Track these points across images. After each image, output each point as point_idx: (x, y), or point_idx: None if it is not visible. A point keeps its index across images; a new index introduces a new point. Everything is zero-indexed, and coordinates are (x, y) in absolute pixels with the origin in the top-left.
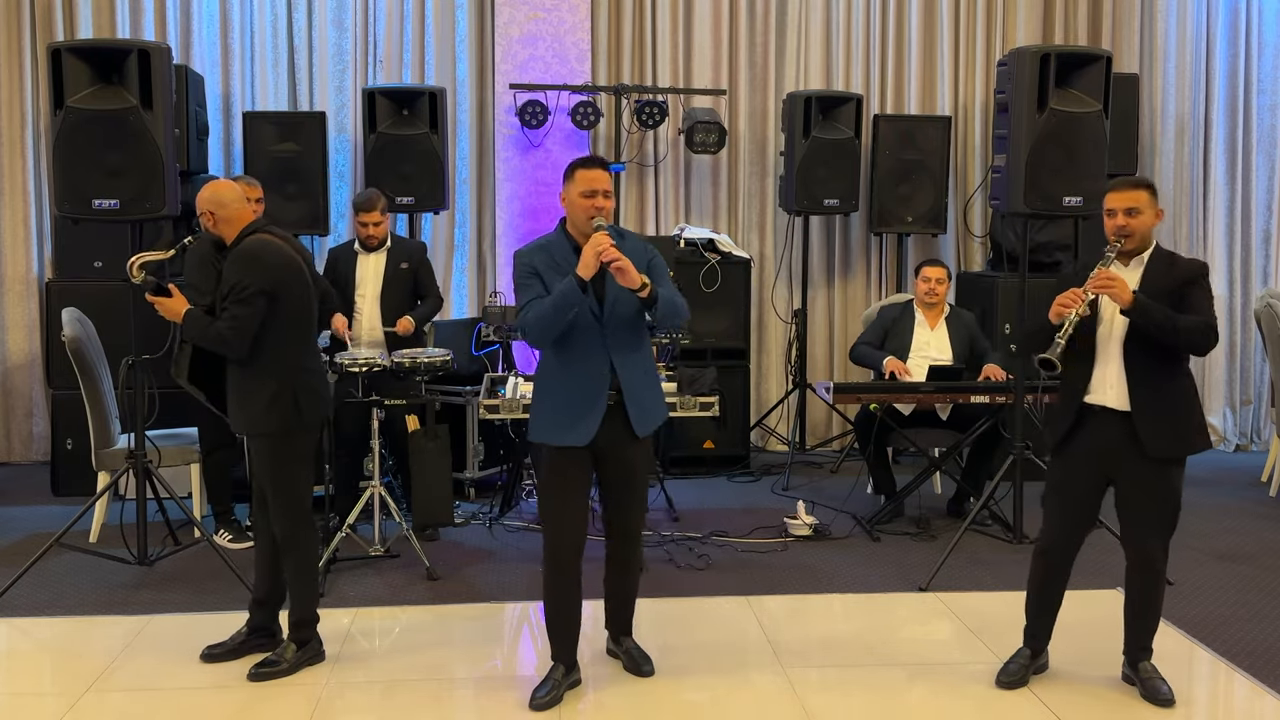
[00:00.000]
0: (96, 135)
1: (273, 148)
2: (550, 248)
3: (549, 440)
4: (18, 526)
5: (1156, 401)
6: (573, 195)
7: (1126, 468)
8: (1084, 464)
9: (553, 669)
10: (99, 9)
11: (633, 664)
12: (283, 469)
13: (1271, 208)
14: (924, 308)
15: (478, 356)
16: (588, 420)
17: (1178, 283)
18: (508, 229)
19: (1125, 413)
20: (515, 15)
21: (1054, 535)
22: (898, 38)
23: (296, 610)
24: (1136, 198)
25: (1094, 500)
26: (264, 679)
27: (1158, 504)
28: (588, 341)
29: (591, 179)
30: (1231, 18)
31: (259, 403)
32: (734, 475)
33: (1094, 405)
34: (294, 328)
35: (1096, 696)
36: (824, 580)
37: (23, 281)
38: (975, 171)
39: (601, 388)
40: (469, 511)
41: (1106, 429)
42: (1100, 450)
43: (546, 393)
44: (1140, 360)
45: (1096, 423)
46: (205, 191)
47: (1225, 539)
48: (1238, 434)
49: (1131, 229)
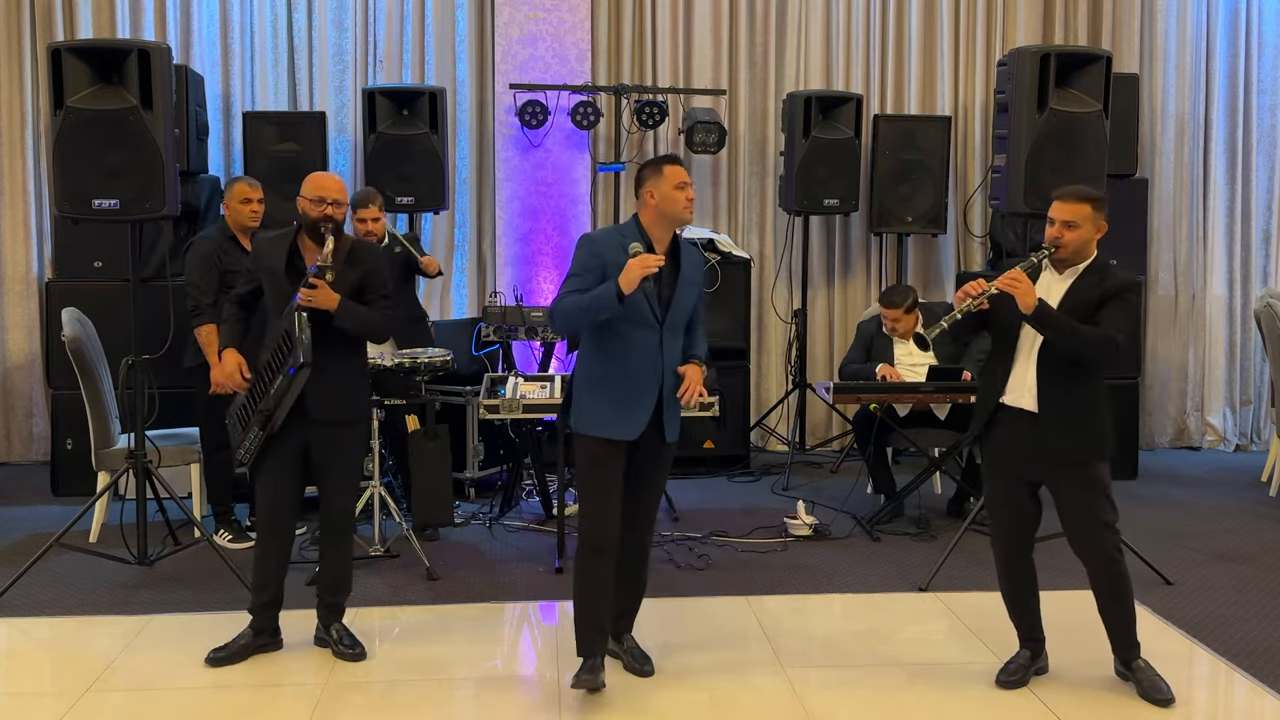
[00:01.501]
0: (96, 135)
1: (273, 148)
2: (624, 240)
3: (598, 432)
4: (18, 526)
5: (1065, 407)
6: (665, 189)
7: (1046, 470)
8: (1005, 461)
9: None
10: (99, 9)
11: (633, 663)
12: (361, 450)
13: (1271, 208)
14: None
15: (478, 356)
16: (637, 415)
17: (1103, 295)
18: (508, 229)
19: (1036, 414)
20: (515, 15)
21: (1002, 534)
22: (898, 38)
23: (348, 587)
24: (1077, 210)
25: (1026, 493)
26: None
27: (1087, 497)
28: (645, 340)
29: (678, 173)
30: (1231, 18)
31: (365, 387)
32: (734, 475)
33: (1009, 405)
34: None
35: (1096, 696)
36: (824, 580)
37: (23, 281)
38: (975, 171)
39: (653, 386)
40: (469, 511)
41: (1020, 429)
42: (1016, 449)
43: (597, 385)
44: (1053, 365)
45: (1011, 422)
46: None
47: (1225, 539)
48: (1238, 434)
49: (1064, 241)
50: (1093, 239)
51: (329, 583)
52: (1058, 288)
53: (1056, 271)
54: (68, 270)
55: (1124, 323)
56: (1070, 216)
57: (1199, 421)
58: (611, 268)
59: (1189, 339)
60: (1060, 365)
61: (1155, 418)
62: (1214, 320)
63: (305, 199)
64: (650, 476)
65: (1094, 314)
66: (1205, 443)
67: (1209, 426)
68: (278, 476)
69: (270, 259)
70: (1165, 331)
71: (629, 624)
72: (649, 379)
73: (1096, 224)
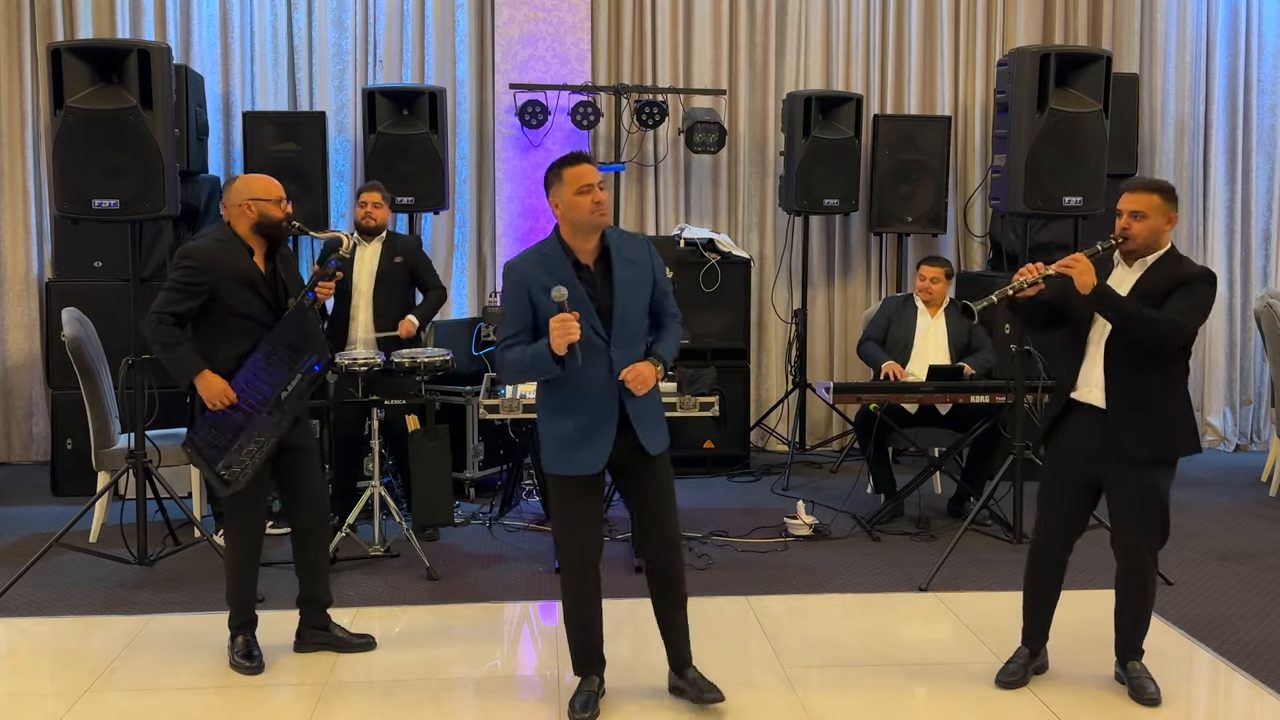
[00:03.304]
0: (96, 135)
1: (273, 148)
2: (547, 261)
3: (560, 470)
4: (18, 526)
5: (1133, 400)
6: (567, 197)
7: (1109, 466)
8: (1071, 460)
9: (584, 682)
10: (99, 9)
11: (700, 694)
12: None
13: (1271, 208)
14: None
15: (478, 356)
16: (599, 445)
17: (1173, 283)
18: (508, 229)
19: (1103, 410)
20: (515, 15)
21: (1044, 530)
22: (898, 38)
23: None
24: (1145, 201)
25: (1082, 498)
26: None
27: (1139, 504)
28: (594, 363)
29: (581, 174)
30: (1231, 18)
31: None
32: (734, 475)
33: (1079, 401)
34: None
35: (1097, 696)
36: (824, 580)
37: (23, 281)
38: (975, 171)
39: (609, 412)
40: (469, 511)
41: (1089, 425)
42: (1085, 446)
43: (553, 416)
44: (1120, 359)
45: (1081, 418)
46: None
47: (1225, 539)
48: (1238, 434)
49: (1133, 232)
50: (1163, 230)
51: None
52: (1128, 280)
53: (1126, 264)
54: (68, 270)
55: (1190, 309)
56: (1139, 206)
57: (1199, 421)
58: (539, 294)
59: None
60: (1128, 357)
61: None
62: (1214, 320)
63: (263, 201)
64: (649, 495)
65: (1162, 302)
66: (1205, 443)
67: (1209, 426)
68: (259, 489)
69: (231, 267)
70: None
71: (684, 657)
72: (604, 405)
73: (1167, 215)
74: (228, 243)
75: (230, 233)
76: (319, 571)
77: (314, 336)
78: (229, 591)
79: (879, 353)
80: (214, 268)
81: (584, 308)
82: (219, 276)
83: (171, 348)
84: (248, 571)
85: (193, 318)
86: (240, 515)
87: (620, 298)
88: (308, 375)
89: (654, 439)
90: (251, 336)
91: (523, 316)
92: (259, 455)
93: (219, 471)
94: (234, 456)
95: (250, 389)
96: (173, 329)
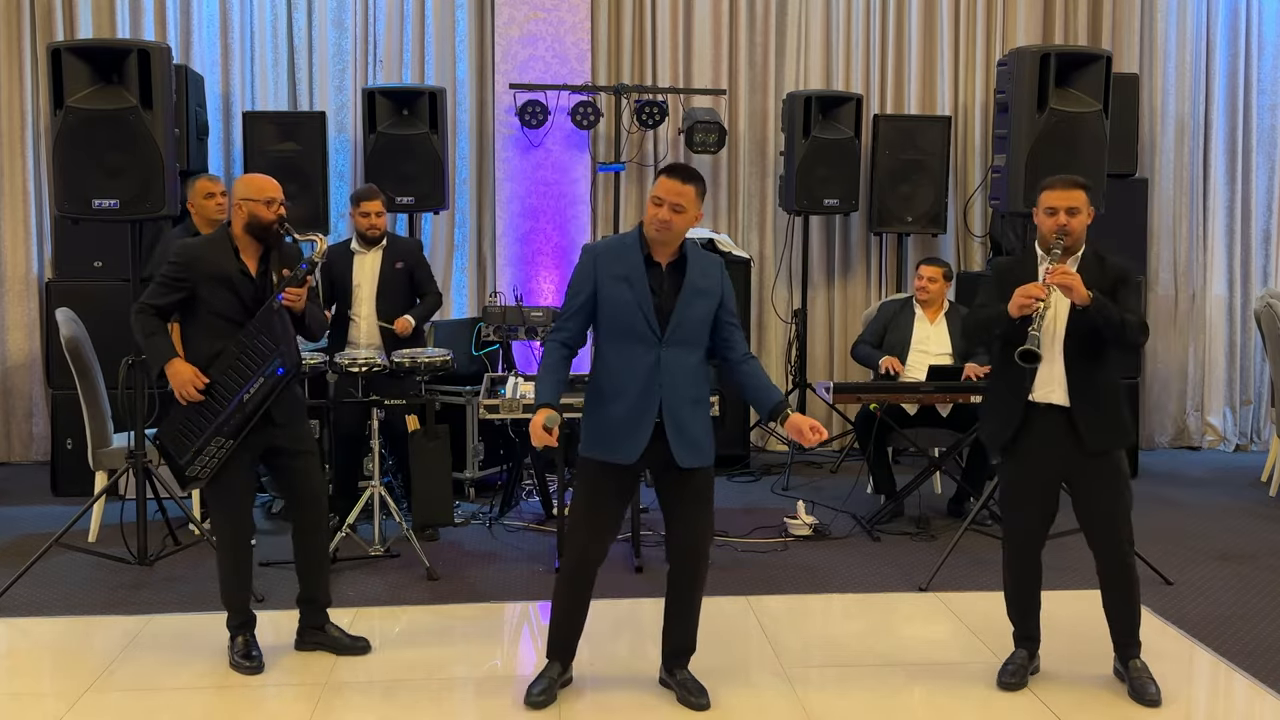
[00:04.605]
0: (96, 135)
1: (273, 148)
2: (624, 249)
3: (594, 455)
4: (18, 526)
5: (1094, 398)
6: (648, 201)
7: (1075, 463)
8: (1041, 460)
9: (548, 666)
10: (99, 9)
11: (687, 696)
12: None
13: (1271, 208)
14: (922, 304)
15: (478, 356)
16: (636, 437)
17: (1110, 281)
18: (508, 229)
19: (1067, 408)
20: (515, 15)
21: (1023, 533)
22: (898, 38)
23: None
24: (1076, 197)
25: (1053, 494)
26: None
27: (1111, 490)
28: (642, 358)
29: (659, 185)
30: (1231, 18)
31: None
32: (734, 475)
33: (1039, 403)
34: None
35: (1096, 696)
36: (824, 580)
37: (23, 281)
38: (975, 171)
39: (650, 406)
40: (469, 511)
41: (1052, 425)
42: (1050, 447)
43: (595, 403)
44: (1080, 357)
45: (1043, 419)
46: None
47: (1225, 539)
48: (1238, 434)
49: (1071, 228)
50: (1087, 224)
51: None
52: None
53: (1061, 262)
54: (68, 270)
55: (1139, 304)
56: (1074, 203)
57: (1199, 421)
58: (606, 281)
59: (1189, 339)
60: (1086, 357)
61: (1155, 418)
62: (1214, 320)
63: (253, 201)
64: (679, 509)
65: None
66: (1205, 443)
67: (1209, 426)
68: (242, 487)
69: (211, 266)
70: (1165, 331)
71: (682, 662)
72: (645, 399)
73: (1089, 209)
74: (217, 242)
75: (224, 232)
76: (318, 571)
77: (283, 340)
78: (224, 593)
79: (873, 353)
80: (196, 265)
81: (643, 302)
82: (199, 274)
83: (149, 336)
84: (240, 573)
85: (175, 312)
86: (224, 518)
87: (683, 303)
88: (270, 379)
89: (686, 453)
90: (226, 336)
91: (580, 295)
92: (220, 454)
93: (181, 465)
94: (196, 453)
95: (220, 388)
96: (152, 318)
